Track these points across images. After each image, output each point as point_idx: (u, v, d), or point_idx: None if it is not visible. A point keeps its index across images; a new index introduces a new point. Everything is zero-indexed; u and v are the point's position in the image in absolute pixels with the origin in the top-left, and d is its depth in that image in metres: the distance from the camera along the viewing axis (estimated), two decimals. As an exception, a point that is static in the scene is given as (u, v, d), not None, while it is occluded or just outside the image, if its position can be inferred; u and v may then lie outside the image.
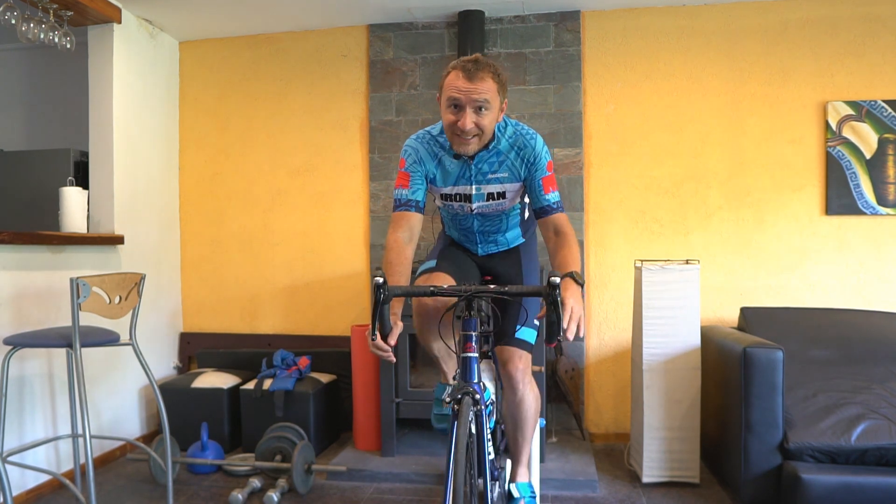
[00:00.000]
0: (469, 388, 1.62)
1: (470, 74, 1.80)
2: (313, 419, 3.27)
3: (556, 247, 1.91)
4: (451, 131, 1.88)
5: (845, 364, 2.90)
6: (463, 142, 1.87)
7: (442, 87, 1.88)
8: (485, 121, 1.84)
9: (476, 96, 1.80)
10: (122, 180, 3.43)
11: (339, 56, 3.79)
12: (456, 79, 1.82)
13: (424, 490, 2.88)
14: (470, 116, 1.82)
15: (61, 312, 2.97)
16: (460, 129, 1.83)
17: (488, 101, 1.82)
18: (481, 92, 1.80)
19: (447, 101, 1.84)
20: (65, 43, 3.09)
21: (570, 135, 3.54)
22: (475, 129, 1.84)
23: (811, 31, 3.40)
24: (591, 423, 3.58)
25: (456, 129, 1.85)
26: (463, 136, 1.85)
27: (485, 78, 1.81)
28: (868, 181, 3.33)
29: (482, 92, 1.80)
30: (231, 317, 3.92)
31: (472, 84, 1.80)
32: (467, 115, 1.82)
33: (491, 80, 1.82)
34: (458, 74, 1.82)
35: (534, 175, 1.95)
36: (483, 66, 1.82)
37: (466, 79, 1.80)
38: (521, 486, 2.18)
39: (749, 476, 2.56)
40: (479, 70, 1.81)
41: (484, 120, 1.84)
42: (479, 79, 1.80)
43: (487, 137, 1.90)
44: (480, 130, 1.86)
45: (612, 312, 3.56)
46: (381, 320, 1.62)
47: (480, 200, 2.03)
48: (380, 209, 3.71)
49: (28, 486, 2.79)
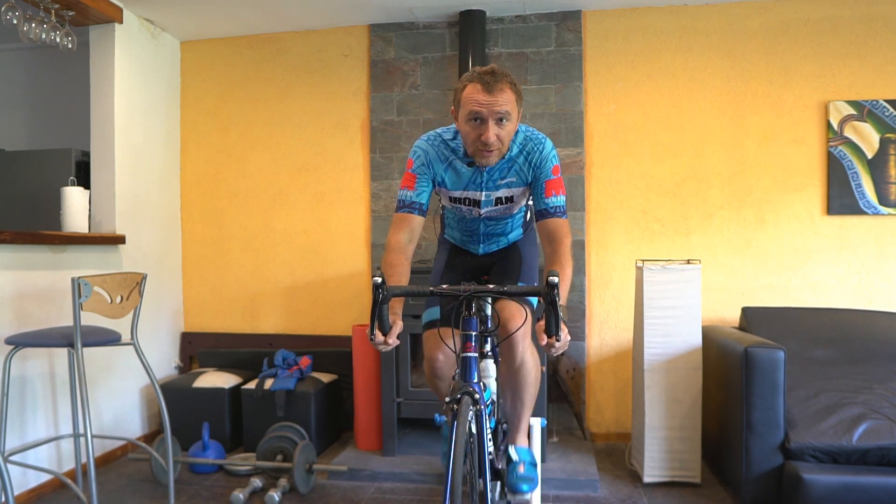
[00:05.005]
0: (468, 387, 1.61)
1: (489, 87, 1.79)
2: (314, 419, 3.27)
3: (547, 261, 1.91)
4: (473, 145, 1.87)
5: (847, 364, 2.90)
6: (485, 155, 1.87)
7: (459, 101, 1.86)
8: (505, 132, 1.84)
9: (498, 108, 1.79)
10: (124, 180, 3.44)
11: (341, 56, 3.79)
12: (475, 92, 1.80)
13: (426, 490, 2.88)
14: (493, 129, 1.81)
15: (63, 312, 2.97)
16: (483, 142, 1.82)
17: (509, 112, 1.82)
18: (502, 104, 1.80)
19: (468, 114, 1.83)
20: (66, 43, 3.10)
21: (572, 134, 3.54)
22: (498, 142, 1.84)
23: (813, 30, 3.39)
24: (592, 422, 3.58)
25: (478, 143, 1.84)
26: (486, 148, 1.85)
27: (504, 89, 1.80)
28: (870, 181, 3.32)
29: (503, 104, 1.80)
30: (232, 316, 3.93)
31: (492, 97, 1.79)
32: (490, 127, 1.81)
33: (510, 90, 1.82)
34: (477, 87, 1.80)
35: (538, 177, 1.95)
36: (501, 77, 1.81)
37: (486, 91, 1.79)
38: (520, 450, 2.16)
39: (750, 476, 2.56)
40: (498, 82, 1.79)
41: (504, 131, 1.84)
42: (498, 90, 1.79)
43: (506, 148, 1.91)
44: (501, 142, 1.86)
45: (613, 312, 3.56)
46: (380, 320, 1.62)
47: (489, 206, 2.05)
48: (381, 209, 3.71)
49: (30, 485, 2.79)
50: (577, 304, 3.54)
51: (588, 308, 3.56)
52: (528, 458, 2.17)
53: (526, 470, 2.09)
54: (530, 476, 2.08)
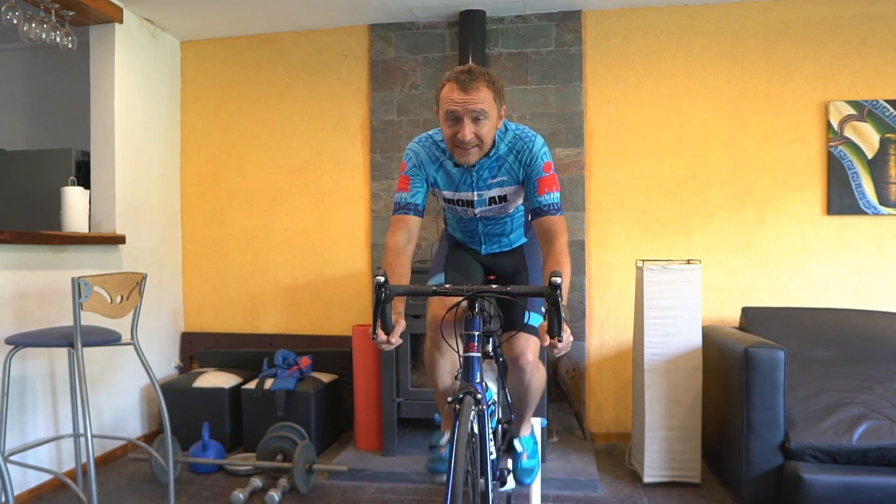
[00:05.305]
0: (471, 387, 1.61)
1: (464, 85, 1.80)
2: (314, 419, 3.27)
3: (544, 260, 1.91)
4: (451, 143, 1.89)
5: (847, 364, 2.90)
6: (463, 152, 1.88)
7: (439, 100, 1.88)
8: (483, 130, 1.85)
9: (472, 107, 1.81)
10: (124, 180, 3.44)
11: (341, 56, 3.79)
12: (451, 91, 1.82)
13: (426, 490, 2.88)
14: (468, 127, 1.82)
15: (63, 312, 2.97)
16: (460, 140, 1.84)
17: (485, 110, 1.83)
18: (477, 102, 1.81)
19: (445, 114, 1.85)
20: (66, 43, 3.10)
21: (572, 134, 3.54)
22: (475, 140, 1.85)
23: (813, 30, 3.40)
24: (593, 422, 3.58)
25: (456, 141, 1.86)
26: (463, 146, 1.86)
27: (479, 87, 1.81)
28: (870, 181, 3.33)
29: (478, 102, 1.81)
30: (232, 316, 3.93)
31: (467, 95, 1.80)
32: (465, 126, 1.82)
33: (486, 88, 1.82)
34: (453, 86, 1.82)
35: (530, 175, 1.95)
36: (477, 75, 1.82)
37: (461, 90, 1.80)
38: (524, 440, 2.22)
39: (750, 476, 2.56)
40: (474, 80, 1.81)
41: (482, 129, 1.85)
42: (473, 89, 1.80)
43: (488, 146, 1.91)
44: (480, 140, 1.86)
45: (613, 312, 3.56)
46: (383, 319, 1.62)
47: (483, 206, 2.05)
48: (381, 209, 3.71)
49: (30, 485, 2.79)
50: (577, 304, 3.54)
51: (588, 308, 3.56)
52: (532, 446, 2.23)
53: (529, 458, 2.19)
54: (531, 467, 2.19)
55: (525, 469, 2.18)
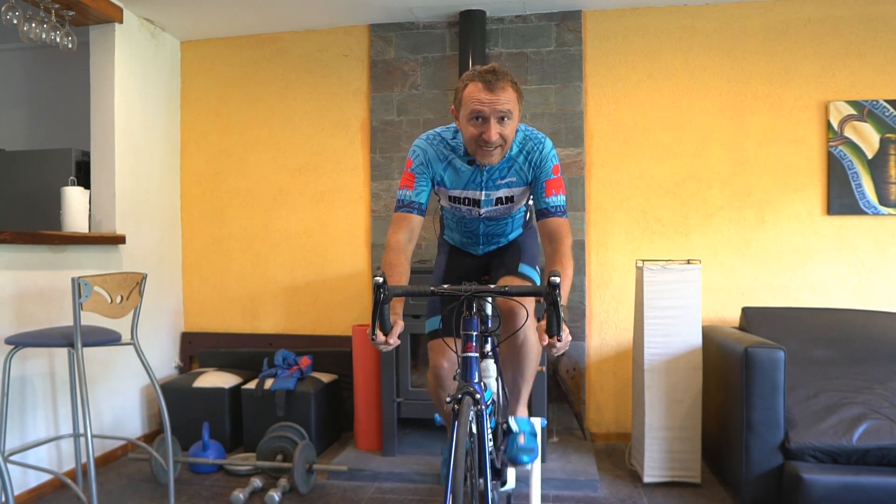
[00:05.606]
0: (469, 387, 1.61)
1: (490, 86, 1.79)
2: (314, 419, 3.27)
3: (548, 261, 1.91)
4: (473, 143, 1.87)
5: (847, 364, 2.90)
6: (487, 153, 1.87)
7: (460, 100, 1.86)
8: (507, 130, 1.85)
9: (500, 107, 1.80)
10: (124, 180, 3.44)
11: (341, 56, 3.79)
12: (476, 91, 1.81)
13: (426, 490, 2.88)
14: (495, 128, 1.82)
15: (63, 312, 2.97)
16: (485, 140, 1.83)
17: (511, 111, 1.82)
18: (504, 102, 1.80)
19: (470, 113, 1.83)
20: (66, 43, 3.10)
21: (572, 134, 3.54)
22: (500, 140, 1.85)
23: (813, 30, 3.40)
24: (592, 422, 3.58)
25: (480, 141, 1.84)
26: (487, 147, 1.85)
27: (505, 88, 1.81)
28: (870, 181, 3.33)
29: (504, 102, 1.80)
30: (232, 316, 3.93)
31: (494, 95, 1.79)
32: (492, 126, 1.81)
33: (511, 89, 1.82)
34: (479, 86, 1.80)
35: (539, 177, 1.96)
36: (502, 75, 1.81)
37: (488, 90, 1.79)
38: (519, 420, 2.17)
39: (750, 476, 2.56)
40: (500, 80, 1.80)
41: (507, 130, 1.85)
42: (500, 89, 1.80)
43: (509, 146, 1.91)
44: (504, 141, 1.86)
45: (613, 312, 3.56)
46: (381, 320, 1.62)
47: (489, 205, 2.05)
48: (381, 209, 3.71)
49: (30, 485, 2.79)
50: (577, 304, 3.54)
51: (588, 308, 3.56)
52: (528, 428, 2.17)
53: (526, 440, 2.10)
54: (530, 447, 2.08)
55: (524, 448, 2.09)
